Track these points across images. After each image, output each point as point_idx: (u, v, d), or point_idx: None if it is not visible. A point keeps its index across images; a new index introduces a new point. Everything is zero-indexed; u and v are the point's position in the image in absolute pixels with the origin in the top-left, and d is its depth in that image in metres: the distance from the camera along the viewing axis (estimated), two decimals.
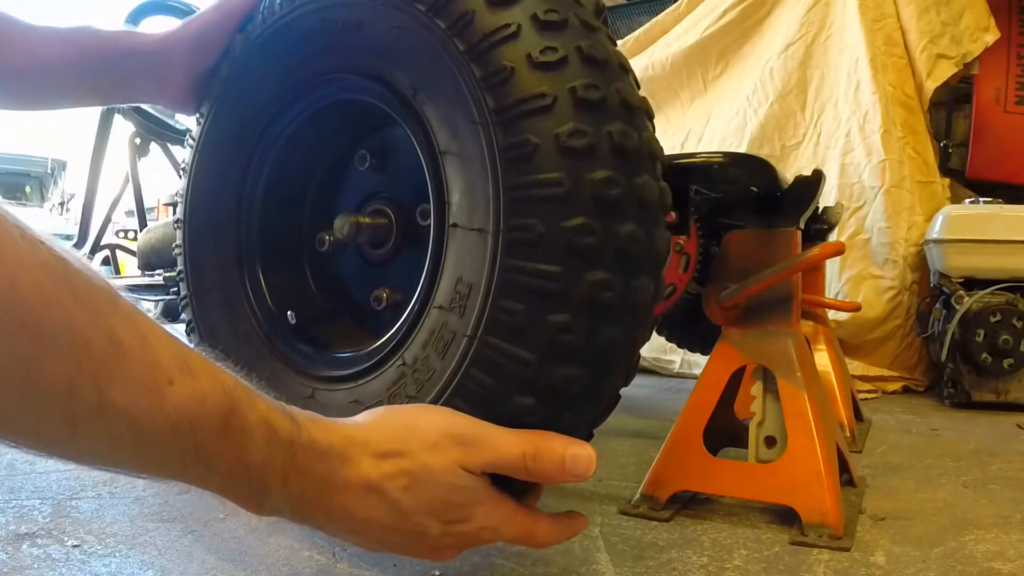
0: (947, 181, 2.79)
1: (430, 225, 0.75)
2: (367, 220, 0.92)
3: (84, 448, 0.46)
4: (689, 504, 1.21)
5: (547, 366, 0.65)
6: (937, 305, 2.35)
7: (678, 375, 2.78)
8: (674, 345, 2.20)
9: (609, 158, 0.65)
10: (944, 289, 2.30)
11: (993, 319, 2.15)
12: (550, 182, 0.64)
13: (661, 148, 0.74)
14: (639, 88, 0.75)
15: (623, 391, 0.78)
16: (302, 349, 0.92)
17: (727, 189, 1.32)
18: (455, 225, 0.70)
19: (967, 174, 2.97)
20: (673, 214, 1.18)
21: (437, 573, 0.88)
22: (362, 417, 0.63)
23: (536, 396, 0.66)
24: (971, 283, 2.24)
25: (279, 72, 0.91)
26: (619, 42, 3.46)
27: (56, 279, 0.43)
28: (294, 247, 1.00)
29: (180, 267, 1.01)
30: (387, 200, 0.94)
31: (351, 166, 0.98)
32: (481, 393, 0.67)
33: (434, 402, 0.70)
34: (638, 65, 3.38)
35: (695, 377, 1.44)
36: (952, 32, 2.73)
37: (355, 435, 0.59)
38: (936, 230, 2.32)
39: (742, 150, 2.86)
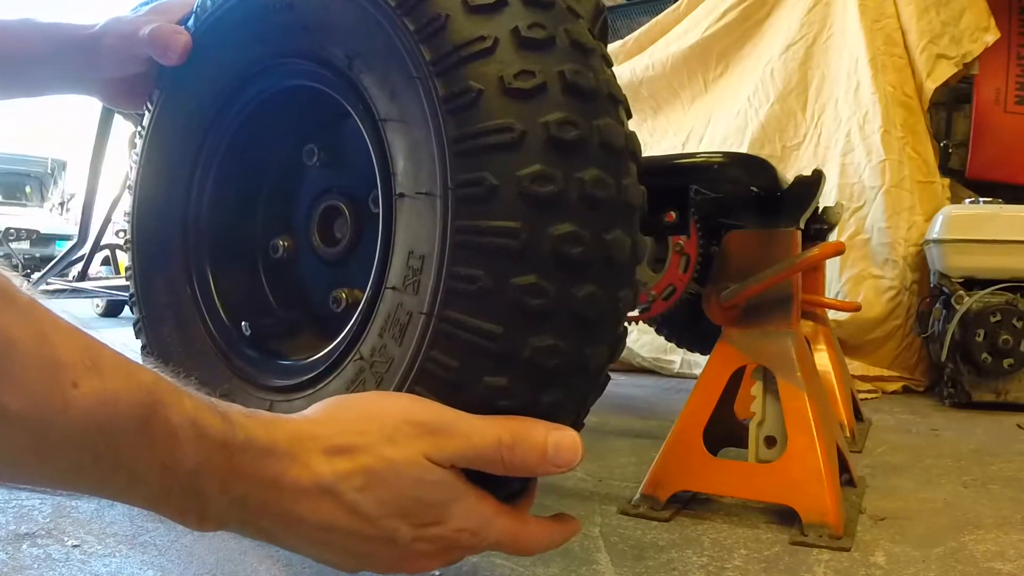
0: (947, 181, 2.79)
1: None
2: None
3: None
4: (689, 504, 1.21)
5: (517, 337, 0.58)
6: (937, 305, 2.35)
7: (678, 375, 2.78)
8: (674, 345, 2.20)
9: (563, 99, 0.60)
10: (944, 289, 2.30)
11: (993, 319, 2.15)
12: (498, 128, 0.58)
13: (623, 93, 0.68)
14: (601, 37, 0.70)
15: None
16: (258, 361, 0.86)
17: (727, 189, 1.31)
18: (402, 195, 0.65)
19: (967, 174, 2.98)
20: (673, 214, 1.18)
21: (437, 573, 0.88)
22: (312, 410, 0.56)
23: (509, 374, 0.58)
24: (971, 283, 2.24)
25: (217, 68, 0.86)
26: (619, 42, 3.46)
27: None
28: (247, 255, 0.94)
29: (131, 289, 0.94)
30: (339, 194, 0.88)
31: (300, 163, 0.93)
32: (445, 377, 0.59)
33: None
34: (638, 65, 3.38)
35: (695, 377, 1.44)
36: (952, 32, 2.73)
37: (302, 430, 0.52)
38: (936, 230, 2.33)
39: (743, 150, 2.86)
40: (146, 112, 0.92)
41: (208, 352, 0.87)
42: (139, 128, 0.93)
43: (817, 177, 1.27)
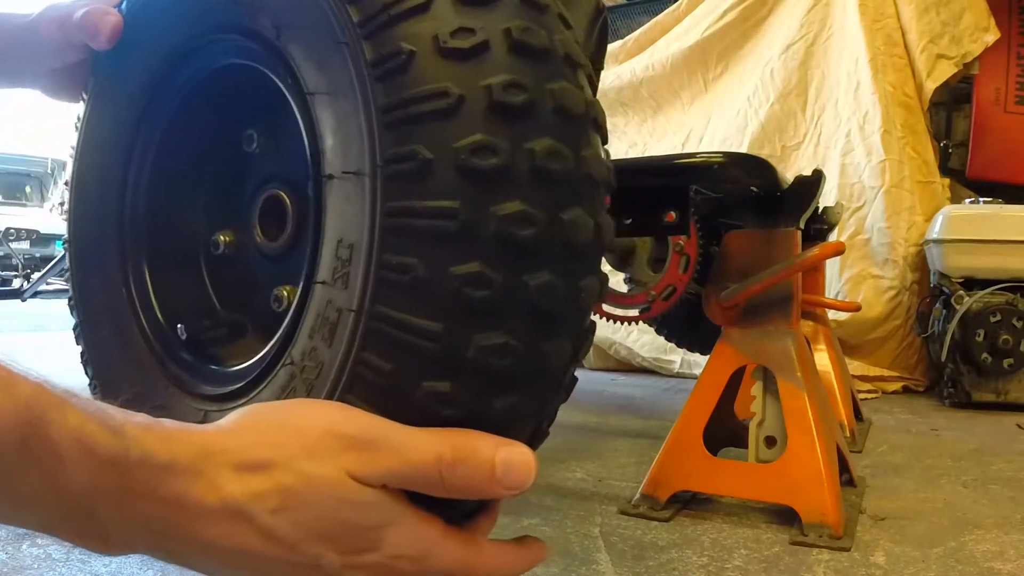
0: (947, 181, 2.79)
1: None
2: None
3: None
4: (689, 504, 1.21)
5: (459, 335, 0.50)
6: (937, 305, 2.35)
7: (678, 375, 2.78)
8: (674, 345, 2.20)
9: (508, 60, 0.53)
10: (944, 289, 2.30)
11: (993, 319, 2.16)
12: (432, 94, 0.51)
13: (586, 58, 0.61)
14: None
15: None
16: (195, 367, 0.80)
17: (727, 189, 1.31)
18: (330, 176, 0.58)
19: (967, 174, 2.97)
20: (673, 214, 1.18)
21: None
22: (226, 420, 0.49)
23: (452, 378, 0.51)
24: (971, 283, 2.24)
25: (147, 51, 0.79)
26: (619, 42, 3.46)
27: None
28: (188, 253, 0.87)
29: (70, 292, 0.89)
30: (281, 182, 0.81)
31: (241, 150, 0.85)
32: (379, 383, 0.52)
33: None
34: (638, 65, 3.38)
35: (695, 377, 1.44)
36: (952, 32, 2.73)
37: (209, 443, 0.46)
38: (936, 230, 2.33)
39: (743, 150, 2.86)
40: (82, 103, 0.86)
41: (145, 359, 0.80)
42: (75, 121, 0.88)
43: (817, 177, 1.27)
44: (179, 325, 0.82)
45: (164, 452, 0.44)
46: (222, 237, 0.83)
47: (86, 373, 0.86)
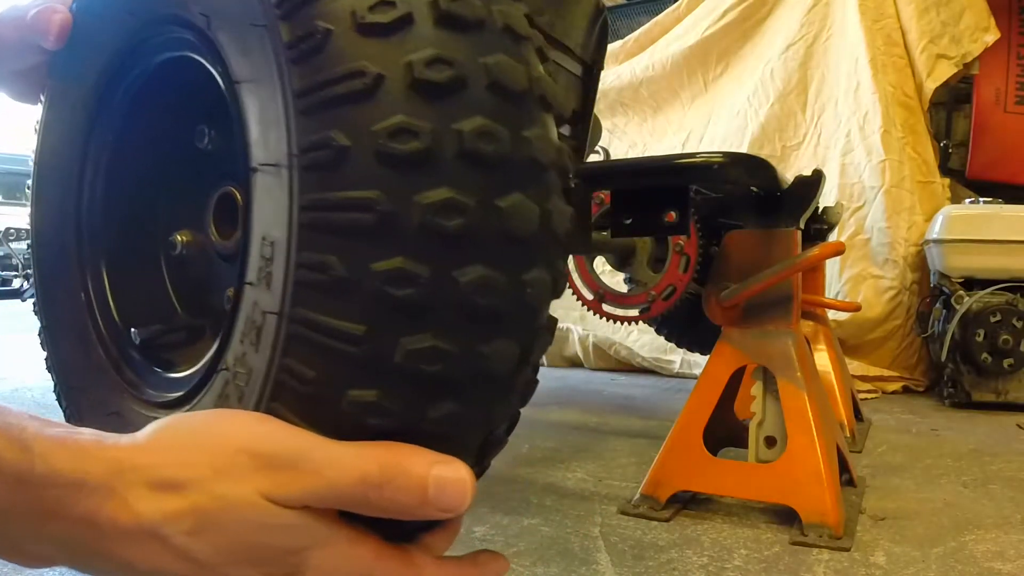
0: (947, 181, 2.79)
1: None
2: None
3: None
4: (689, 504, 1.21)
5: (384, 338, 0.46)
6: (937, 305, 2.35)
7: (678, 375, 2.78)
8: (674, 345, 2.20)
9: (434, 33, 0.48)
10: (944, 289, 2.30)
11: (993, 319, 2.16)
12: (348, 75, 0.47)
13: (534, 31, 0.56)
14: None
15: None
16: (146, 372, 0.77)
17: (727, 189, 1.31)
18: (254, 169, 0.55)
19: (967, 174, 2.98)
20: (673, 214, 1.18)
21: None
22: (143, 432, 0.46)
23: (379, 386, 0.46)
24: (971, 283, 2.24)
25: (95, 48, 0.77)
26: (619, 42, 3.46)
27: None
28: (148, 255, 0.85)
29: (35, 299, 0.88)
30: (232, 179, 0.78)
31: (194, 147, 0.83)
32: (303, 391, 0.48)
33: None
34: (638, 65, 3.38)
35: (695, 377, 1.44)
36: (952, 32, 2.73)
37: (123, 459, 0.43)
38: (936, 230, 2.33)
39: (743, 150, 2.86)
40: (40, 106, 0.83)
41: (102, 364, 0.78)
42: (34, 124, 0.86)
43: (817, 177, 1.27)
44: (132, 329, 0.79)
45: (73, 469, 0.42)
46: (180, 237, 0.81)
47: (52, 379, 0.85)
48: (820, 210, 1.71)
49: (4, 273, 8.27)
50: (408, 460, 0.45)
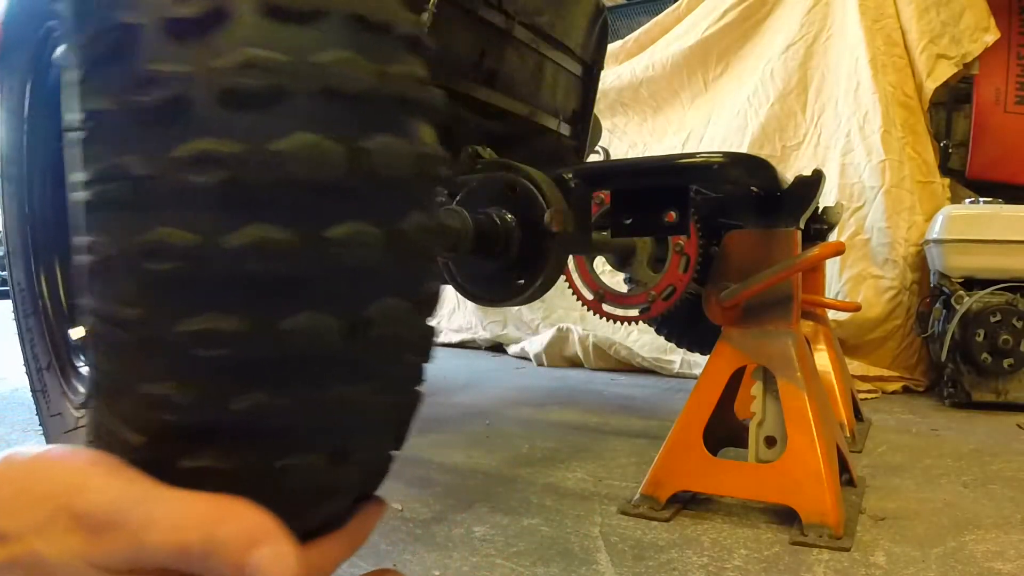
0: (947, 181, 2.79)
1: None
2: None
3: None
4: (689, 504, 1.21)
5: (158, 321, 0.38)
6: (937, 305, 2.35)
7: (678, 375, 2.78)
8: (674, 345, 2.20)
9: None
10: (944, 289, 2.30)
11: (993, 319, 2.16)
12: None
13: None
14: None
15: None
16: (78, 373, 0.75)
17: (727, 189, 1.31)
18: None
19: (967, 174, 2.97)
20: (673, 214, 1.18)
21: (437, 573, 0.88)
22: None
23: (169, 377, 0.39)
24: (971, 283, 2.24)
25: (24, 55, 0.76)
26: (619, 42, 3.46)
27: None
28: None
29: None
30: None
31: None
32: (105, 384, 0.43)
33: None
34: (638, 65, 3.39)
35: (695, 377, 1.44)
36: (952, 32, 2.73)
37: None
38: (936, 230, 2.33)
39: (743, 150, 2.86)
40: None
41: (52, 365, 0.77)
42: None
43: (817, 177, 1.27)
44: (70, 330, 0.78)
45: None
46: None
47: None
48: (820, 210, 1.71)
49: (4, 273, 8.27)
50: (232, 538, 0.39)
